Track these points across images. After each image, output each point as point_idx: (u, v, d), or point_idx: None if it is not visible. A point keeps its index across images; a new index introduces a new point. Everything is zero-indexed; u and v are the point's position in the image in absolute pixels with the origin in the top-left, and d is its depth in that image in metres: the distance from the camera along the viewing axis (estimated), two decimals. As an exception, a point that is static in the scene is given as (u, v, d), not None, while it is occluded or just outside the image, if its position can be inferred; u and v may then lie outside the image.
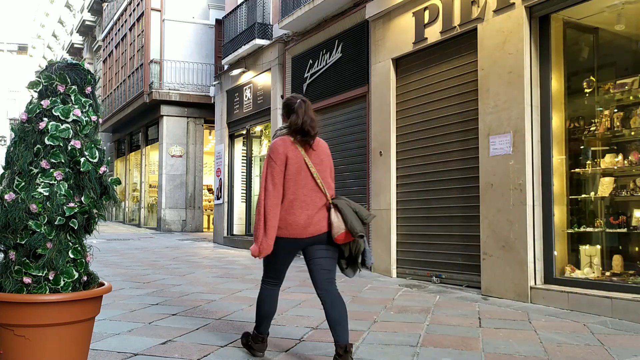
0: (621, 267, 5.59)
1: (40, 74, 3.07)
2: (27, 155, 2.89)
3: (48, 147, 2.90)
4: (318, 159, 3.74)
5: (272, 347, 4.01)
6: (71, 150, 2.91)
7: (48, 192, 2.84)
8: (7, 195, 2.82)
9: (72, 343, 2.91)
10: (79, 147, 2.91)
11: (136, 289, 6.51)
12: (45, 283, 2.84)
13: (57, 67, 3.07)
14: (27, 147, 2.91)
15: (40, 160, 2.88)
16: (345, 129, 9.63)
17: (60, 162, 2.90)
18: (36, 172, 2.87)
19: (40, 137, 2.91)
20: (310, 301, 5.88)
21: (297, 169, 3.57)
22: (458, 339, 4.29)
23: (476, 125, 6.58)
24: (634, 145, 5.72)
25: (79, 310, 2.90)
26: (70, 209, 2.85)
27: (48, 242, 2.81)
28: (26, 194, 2.82)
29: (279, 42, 11.49)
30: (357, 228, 3.46)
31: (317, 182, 3.62)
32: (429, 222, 7.40)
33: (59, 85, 3.00)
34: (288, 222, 3.50)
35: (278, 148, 3.62)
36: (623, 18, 5.95)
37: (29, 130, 2.94)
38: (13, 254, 2.84)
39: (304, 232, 3.48)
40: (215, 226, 14.66)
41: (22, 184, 2.86)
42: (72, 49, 32.64)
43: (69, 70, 3.06)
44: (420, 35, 7.47)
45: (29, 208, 2.78)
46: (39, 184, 2.86)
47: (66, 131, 2.91)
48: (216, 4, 18.19)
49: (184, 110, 18.34)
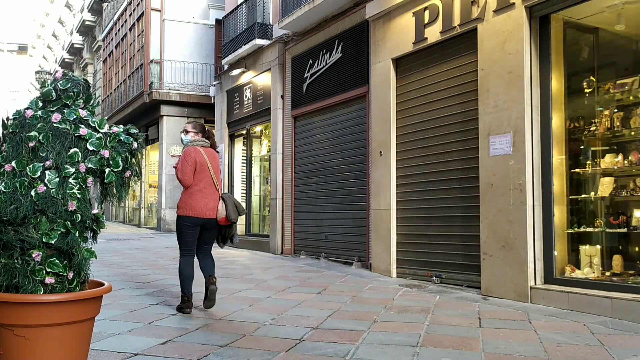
0: (621, 267, 5.59)
1: (66, 82, 3.12)
2: (64, 154, 2.94)
3: (88, 152, 3.00)
4: (215, 164, 5.24)
5: (272, 347, 4.01)
6: (100, 159, 3.02)
7: (81, 195, 2.93)
8: (39, 187, 2.84)
9: (72, 343, 2.91)
10: (107, 156, 3.03)
11: (136, 289, 6.51)
12: (66, 284, 2.90)
13: (81, 83, 3.17)
14: (63, 145, 2.96)
15: (79, 162, 2.96)
16: (345, 129, 9.64)
17: (94, 170, 3.01)
18: (72, 172, 2.92)
19: (77, 141, 3.00)
20: (310, 301, 5.88)
21: (201, 169, 5.10)
22: (458, 339, 4.29)
23: (476, 125, 6.58)
24: (634, 145, 5.72)
25: (79, 310, 2.90)
26: (98, 214, 3.00)
27: (80, 243, 2.90)
28: (61, 190, 2.86)
29: (279, 42, 11.49)
30: (232, 216, 5.13)
31: (214, 180, 5.17)
32: (429, 222, 7.40)
33: (81, 103, 3.13)
34: (192, 206, 5.03)
35: (191, 154, 5.13)
36: (623, 18, 5.95)
37: (65, 132, 2.99)
38: (38, 255, 2.81)
39: (203, 215, 5.05)
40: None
41: (56, 180, 2.88)
42: (72, 49, 32.64)
43: (74, 84, 3.15)
44: (420, 35, 7.47)
45: (66, 204, 2.83)
46: (74, 184, 2.92)
47: (99, 141, 3.02)
48: (216, 4, 18.19)
49: (184, 110, 18.33)
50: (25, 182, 2.86)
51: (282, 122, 11.37)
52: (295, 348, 4.00)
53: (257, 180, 13.55)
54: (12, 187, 2.84)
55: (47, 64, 44.05)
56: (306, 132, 10.84)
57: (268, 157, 12.21)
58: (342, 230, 9.59)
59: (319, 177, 10.31)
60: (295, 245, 10.92)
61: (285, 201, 11.16)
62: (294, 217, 11.03)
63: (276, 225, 11.15)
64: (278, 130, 11.39)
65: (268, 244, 11.43)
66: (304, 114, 10.84)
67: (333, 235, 9.82)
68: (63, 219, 2.83)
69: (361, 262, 8.87)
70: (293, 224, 11.03)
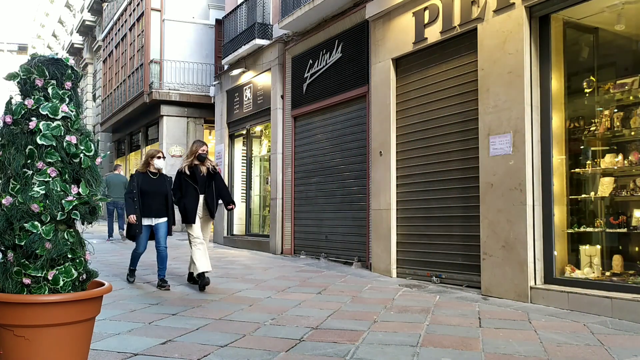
0: (621, 267, 5.59)
1: (20, 67, 3.00)
2: (20, 158, 2.85)
3: (42, 148, 2.87)
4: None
5: (272, 347, 4.01)
6: (67, 146, 2.89)
7: (45, 190, 2.82)
8: (4, 199, 2.80)
9: (72, 343, 2.91)
10: (74, 142, 2.89)
11: (136, 289, 6.52)
12: (45, 283, 2.85)
13: (38, 60, 3.00)
14: (18, 149, 2.86)
15: (35, 162, 2.85)
16: (345, 129, 9.63)
17: (57, 161, 2.88)
18: (31, 174, 2.84)
19: (31, 137, 2.86)
20: (310, 301, 5.88)
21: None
22: (458, 339, 4.29)
23: (476, 125, 6.58)
24: (634, 145, 5.72)
25: (79, 310, 2.90)
26: (69, 202, 2.84)
27: (47, 242, 2.80)
28: (24, 195, 2.80)
29: (279, 42, 11.49)
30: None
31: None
32: (429, 222, 7.40)
33: (37, 79, 2.94)
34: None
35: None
36: (623, 18, 5.95)
37: (18, 132, 2.88)
38: (11, 255, 2.84)
39: None
40: (215, 226, 14.66)
41: (18, 187, 2.83)
42: (72, 49, 32.62)
43: (50, 65, 3.00)
44: (420, 35, 7.47)
45: (30, 209, 2.77)
46: (35, 183, 2.84)
47: (58, 128, 2.88)
48: (216, 4, 18.18)
49: (184, 110, 18.32)
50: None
51: (282, 122, 11.37)
52: (295, 348, 4.00)
53: (257, 180, 13.54)
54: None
55: (47, 64, 43.94)
56: (306, 132, 10.84)
57: (268, 157, 12.20)
58: (342, 230, 9.59)
59: (319, 177, 10.31)
60: (295, 245, 10.92)
61: (285, 201, 11.16)
62: (294, 217, 11.03)
63: (276, 225, 11.15)
64: (278, 130, 11.39)
65: (268, 244, 11.43)
66: (304, 114, 10.83)
67: (333, 235, 9.82)
68: (26, 221, 2.77)
69: (361, 262, 8.87)
70: (293, 224, 11.03)
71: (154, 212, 6.60)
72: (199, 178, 6.70)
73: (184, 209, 6.64)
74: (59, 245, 2.83)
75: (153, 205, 6.57)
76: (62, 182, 2.87)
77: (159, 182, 6.67)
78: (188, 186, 6.68)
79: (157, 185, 6.63)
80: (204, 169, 6.75)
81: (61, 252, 2.84)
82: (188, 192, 6.67)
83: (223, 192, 6.97)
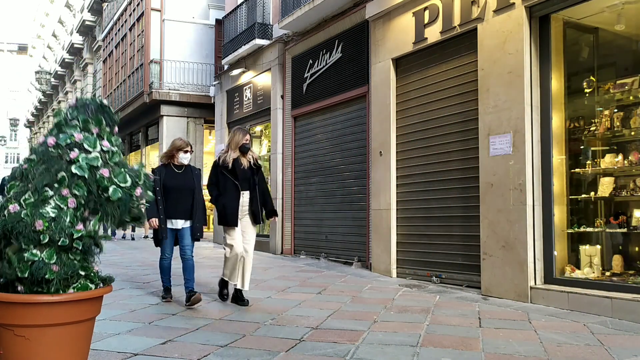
0: (621, 267, 5.59)
1: (73, 111, 3.07)
2: (46, 177, 2.86)
3: (74, 177, 2.88)
4: None
5: (272, 347, 4.01)
6: (100, 179, 2.90)
7: (55, 214, 2.81)
8: (11, 206, 2.78)
9: (72, 343, 2.91)
10: (107, 175, 2.91)
11: (136, 289, 6.52)
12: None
13: (92, 108, 3.10)
14: (48, 170, 2.88)
15: (62, 188, 2.86)
16: (345, 129, 9.63)
17: (83, 195, 2.88)
18: (50, 194, 2.84)
19: (67, 166, 2.89)
20: (310, 301, 5.88)
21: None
22: (458, 339, 4.29)
23: (476, 125, 6.58)
24: (634, 145, 5.72)
25: (79, 310, 2.90)
26: (78, 232, 2.86)
27: (53, 266, 2.78)
28: (33, 209, 2.78)
29: (279, 42, 11.49)
30: None
31: None
32: (429, 222, 7.40)
33: (93, 127, 3.03)
34: None
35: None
36: (623, 18, 5.95)
37: (55, 155, 2.92)
38: (21, 288, 2.81)
39: None
40: (215, 226, 14.67)
41: (32, 200, 2.82)
42: (72, 49, 32.60)
43: (101, 113, 3.12)
44: (420, 35, 7.47)
45: (34, 225, 2.74)
46: (50, 204, 2.83)
47: (96, 159, 2.89)
48: (216, 4, 18.17)
49: (184, 110, 18.31)
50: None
51: (282, 122, 11.37)
52: (295, 348, 4.00)
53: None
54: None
55: (47, 64, 44.00)
56: (306, 132, 10.84)
57: (268, 157, 12.20)
58: (342, 230, 9.59)
59: (319, 177, 10.31)
60: (295, 245, 10.92)
61: (285, 201, 11.16)
62: (294, 217, 11.03)
63: (276, 225, 11.15)
64: (278, 130, 11.39)
65: (268, 244, 11.43)
66: (304, 114, 10.83)
67: (333, 235, 9.82)
68: (29, 239, 2.74)
69: (361, 262, 8.87)
70: (293, 224, 11.03)
71: (180, 213, 5.59)
72: (240, 172, 5.65)
73: (223, 210, 5.59)
74: (68, 264, 2.83)
75: (178, 204, 5.57)
76: (73, 215, 2.85)
77: (186, 176, 5.68)
78: (227, 181, 5.63)
79: (184, 180, 5.65)
80: (246, 162, 5.71)
81: (74, 269, 2.85)
82: (227, 188, 5.62)
83: (266, 197, 5.90)
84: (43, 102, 45.11)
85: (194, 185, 5.69)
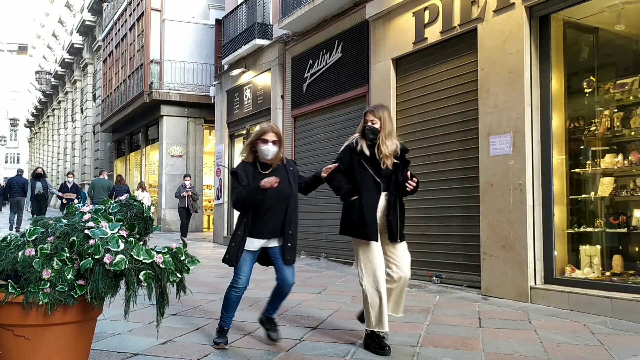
0: (621, 267, 5.59)
1: (115, 206, 3.27)
2: (70, 253, 2.95)
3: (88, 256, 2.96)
4: None
5: (272, 347, 4.01)
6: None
7: (60, 269, 2.91)
8: (28, 249, 2.94)
9: (72, 343, 2.91)
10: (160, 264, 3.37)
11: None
12: None
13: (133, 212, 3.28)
14: (76, 244, 2.96)
15: (76, 260, 2.95)
16: (345, 129, 9.62)
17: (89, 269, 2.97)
18: (65, 258, 2.93)
19: (98, 266, 2.93)
20: (310, 301, 5.88)
21: None
22: (458, 339, 4.29)
23: (476, 125, 6.58)
24: (634, 145, 5.72)
25: (80, 310, 2.90)
26: (80, 287, 2.92)
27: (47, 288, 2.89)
28: (49, 261, 2.90)
29: (279, 42, 11.49)
30: None
31: None
32: (429, 222, 7.40)
33: (122, 230, 3.13)
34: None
35: None
36: (623, 18, 5.95)
37: (79, 228, 3.02)
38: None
39: None
40: (215, 226, 14.66)
41: (47, 252, 2.93)
42: (72, 49, 32.60)
43: (139, 220, 3.30)
44: (420, 35, 7.47)
45: (41, 272, 2.86)
46: (68, 265, 2.94)
47: (121, 262, 3.00)
48: (216, 4, 18.17)
49: (184, 110, 18.32)
50: (20, 241, 3.00)
51: (282, 122, 11.37)
52: (295, 348, 4.00)
53: (257, 180, 13.52)
54: (9, 244, 3.03)
55: (47, 64, 44.01)
56: (306, 132, 10.84)
57: (268, 157, 12.19)
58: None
59: (319, 177, 10.29)
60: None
61: (285, 201, 11.14)
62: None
63: (276, 225, 11.13)
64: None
65: (268, 244, 11.41)
66: (304, 114, 10.83)
67: (333, 235, 9.81)
68: (34, 284, 2.84)
69: (361, 262, 8.85)
70: (293, 224, 11.01)
71: (271, 227, 3.96)
72: (383, 167, 4.09)
73: (359, 214, 3.94)
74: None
75: (269, 218, 3.94)
76: (75, 277, 2.93)
77: (279, 179, 3.84)
78: (365, 175, 4.04)
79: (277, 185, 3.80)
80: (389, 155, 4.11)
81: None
82: (364, 184, 4.02)
83: (403, 209, 4.19)
84: (43, 102, 45.13)
85: (290, 191, 4.01)
